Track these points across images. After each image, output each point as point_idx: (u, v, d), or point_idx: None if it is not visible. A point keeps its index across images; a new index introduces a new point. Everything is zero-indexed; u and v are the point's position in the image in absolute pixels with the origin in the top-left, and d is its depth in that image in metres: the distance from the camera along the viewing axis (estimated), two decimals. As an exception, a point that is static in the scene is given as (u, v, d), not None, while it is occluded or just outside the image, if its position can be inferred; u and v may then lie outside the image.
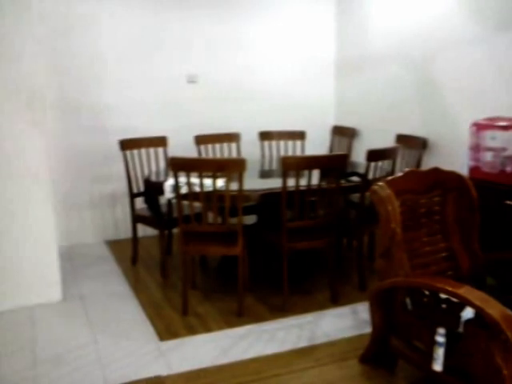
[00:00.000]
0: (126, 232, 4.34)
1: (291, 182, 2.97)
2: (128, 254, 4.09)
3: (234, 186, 2.92)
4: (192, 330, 2.95)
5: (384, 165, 3.41)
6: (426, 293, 2.22)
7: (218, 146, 4.42)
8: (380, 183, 2.36)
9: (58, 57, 4.16)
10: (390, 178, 2.44)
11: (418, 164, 3.93)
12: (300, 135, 4.63)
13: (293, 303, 3.23)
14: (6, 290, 3.23)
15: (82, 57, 4.27)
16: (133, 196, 3.92)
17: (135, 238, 3.97)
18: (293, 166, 2.98)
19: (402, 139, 4.10)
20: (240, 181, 2.88)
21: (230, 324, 3.02)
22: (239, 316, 3.10)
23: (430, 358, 2.12)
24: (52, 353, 2.73)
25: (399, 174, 2.49)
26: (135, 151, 3.99)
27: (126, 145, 3.91)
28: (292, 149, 4.64)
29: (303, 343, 2.80)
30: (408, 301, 2.31)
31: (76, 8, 4.18)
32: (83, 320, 3.10)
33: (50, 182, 3.25)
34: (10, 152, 3.11)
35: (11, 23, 2.99)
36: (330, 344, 2.78)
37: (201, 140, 4.33)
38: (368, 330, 2.60)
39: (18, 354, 2.72)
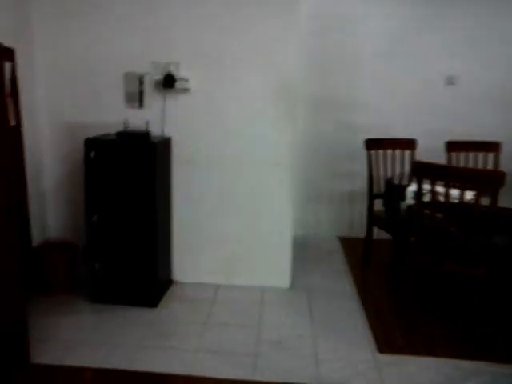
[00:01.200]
0: (359, 231, 4.28)
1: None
2: (359, 253, 4.03)
3: (485, 201, 2.58)
4: (414, 350, 2.72)
5: None
6: None
7: (471, 154, 4.01)
8: None
9: (313, 54, 4.31)
10: None
11: None
12: None
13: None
14: (247, 269, 3.49)
15: (336, 55, 4.35)
16: (372, 197, 3.83)
17: (369, 240, 3.88)
18: None
19: None
20: (494, 196, 2.53)
21: (459, 354, 2.69)
22: (471, 347, 2.75)
23: None
24: (273, 335, 2.84)
25: None
26: (380, 151, 3.88)
27: (372, 144, 3.82)
28: None
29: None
30: None
31: (339, 8, 4.28)
32: (306, 311, 3.15)
33: (292, 172, 3.37)
34: (260, 141, 3.32)
35: (281, 24, 3.16)
36: None
37: (452, 146, 3.98)
38: None
39: (244, 329, 2.91)
